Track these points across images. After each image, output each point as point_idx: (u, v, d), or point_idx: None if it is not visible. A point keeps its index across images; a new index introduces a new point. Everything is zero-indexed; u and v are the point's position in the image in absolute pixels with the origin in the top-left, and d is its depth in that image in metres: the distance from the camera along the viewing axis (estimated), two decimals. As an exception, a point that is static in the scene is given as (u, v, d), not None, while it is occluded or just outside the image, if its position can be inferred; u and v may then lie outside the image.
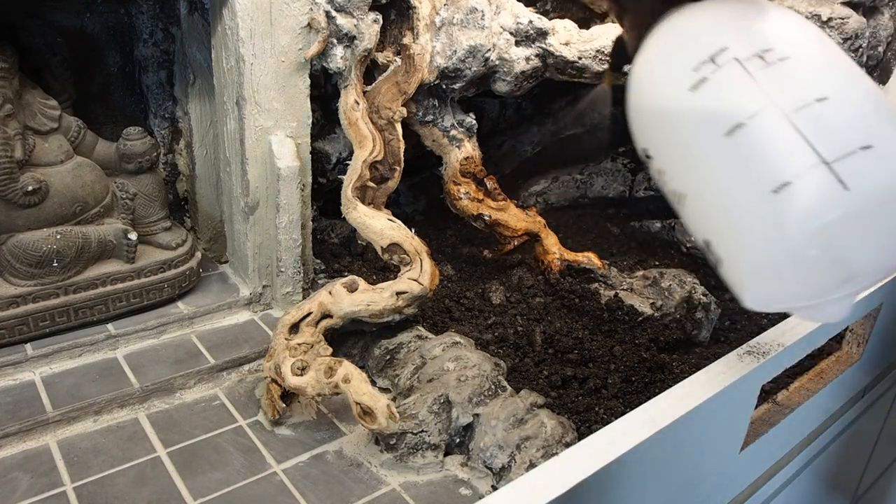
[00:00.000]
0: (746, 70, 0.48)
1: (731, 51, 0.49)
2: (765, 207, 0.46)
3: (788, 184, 0.44)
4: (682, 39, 0.54)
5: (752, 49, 0.49)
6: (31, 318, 0.86)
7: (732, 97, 0.48)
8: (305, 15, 0.92)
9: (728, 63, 0.49)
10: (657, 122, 0.55)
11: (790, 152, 0.45)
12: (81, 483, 0.71)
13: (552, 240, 1.13)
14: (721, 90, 0.49)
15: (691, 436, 0.57)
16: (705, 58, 0.50)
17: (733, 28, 0.52)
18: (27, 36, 0.89)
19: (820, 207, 0.44)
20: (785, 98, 0.47)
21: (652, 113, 0.55)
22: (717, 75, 0.49)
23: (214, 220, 1.13)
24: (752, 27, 0.51)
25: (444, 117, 1.07)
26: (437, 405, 0.78)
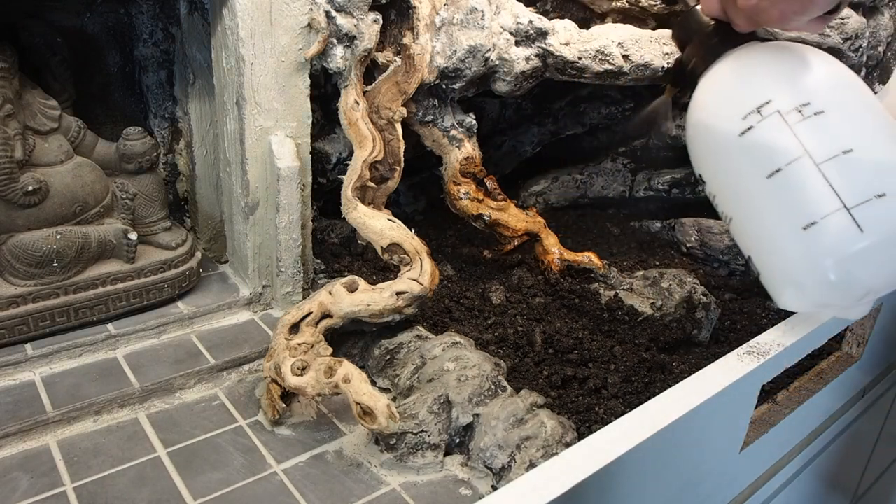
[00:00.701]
0: (786, 122, 0.59)
1: (775, 103, 0.60)
2: (795, 240, 0.58)
3: (815, 223, 0.56)
4: (735, 87, 0.64)
5: (793, 103, 0.59)
6: (31, 318, 0.86)
7: (773, 146, 0.59)
8: (305, 15, 0.92)
9: (771, 115, 0.60)
10: (711, 156, 0.66)
11: (818, 197, 0.56)
12: (81, 483, 0.71)
13: (552, 240, 1.13)
14: (764, 138, 0.60)
15: (691, 436, 0.57)
16: (752, 108, 0.61)
17: (778, 81, 0.61)
18: (27, 36, 0.89)
19: (839, 245, 0.55)
20: (817, 149, 0.57)
21: (707, 147, 0.66)
22: (761, 125, 0.60)
23: (214, 220, 1.13)
24: (794, 80, 0.61)
25: (444, 117, 1.07)
26: (437, 405, 0.78)
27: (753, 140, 0.60)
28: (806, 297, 0.60)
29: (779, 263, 0.61)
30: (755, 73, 0.63)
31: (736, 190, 0.64)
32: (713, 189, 0.67)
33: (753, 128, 0.60)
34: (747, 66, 0.65)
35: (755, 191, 0.61)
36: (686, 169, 1.39)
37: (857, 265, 0.55)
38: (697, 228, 1.30)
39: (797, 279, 0.59)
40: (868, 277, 0.56)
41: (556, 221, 1.37)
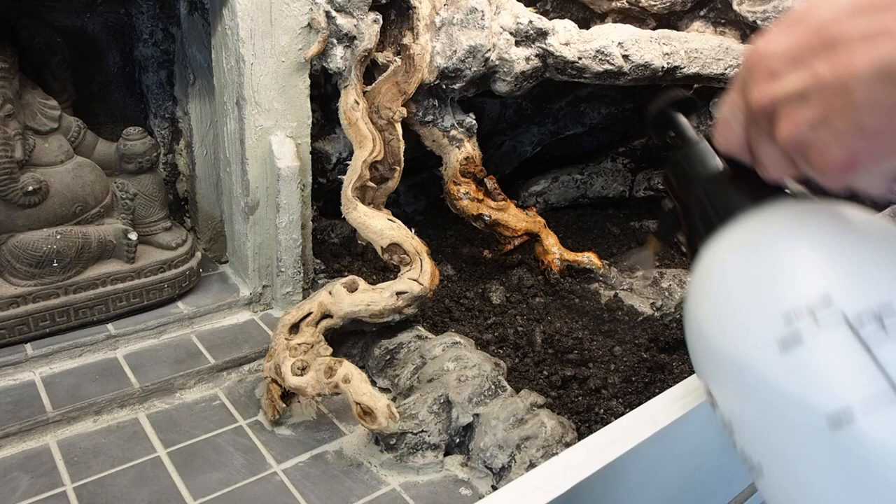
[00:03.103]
0: (859, 337, 0.35)
1: (837, 303, 0.36)
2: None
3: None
4: (767, 264, 0.39)
5: (868, 304, 0.35)
6: (31, 318, 0.86)
7: (838, 373, 0.35)
8: (305, 15, 0.92)
9: (833, 322, 0.35)
10: (727, 371, 0.41)
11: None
12: (81, 483, 0.71)
13: (552, 240, 1.13)
14: (822, 360, 0.35)
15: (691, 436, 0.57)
16: (801, 306, 0.36)
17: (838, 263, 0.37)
18: (27, 36, 0.89)
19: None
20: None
21: (721, 357, 0.41)
22: (816, 337, 0.36)
23: (214, 220, 1.13)
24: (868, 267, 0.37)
25: (444, 117, 1.07)
26: (437, 405, 0.78)
27: (803, 360, 0.36)
28: None
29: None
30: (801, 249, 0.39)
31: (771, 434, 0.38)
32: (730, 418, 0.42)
33: (803, 340, 0.36)
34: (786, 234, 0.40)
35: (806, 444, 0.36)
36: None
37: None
38: (697, 228, 1.30)
39: None
40: None
41: (556, 221, 1.37)
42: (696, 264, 0.44)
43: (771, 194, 0.42)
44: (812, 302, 0.36)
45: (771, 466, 0.39)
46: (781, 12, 1.20)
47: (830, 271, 0.37)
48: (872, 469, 0.33)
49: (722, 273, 0.42)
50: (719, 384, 0.42)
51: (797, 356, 0.36)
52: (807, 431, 0.35)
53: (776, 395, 0.37)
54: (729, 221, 0.43)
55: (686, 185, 0.49)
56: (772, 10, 1.21)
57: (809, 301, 0.36)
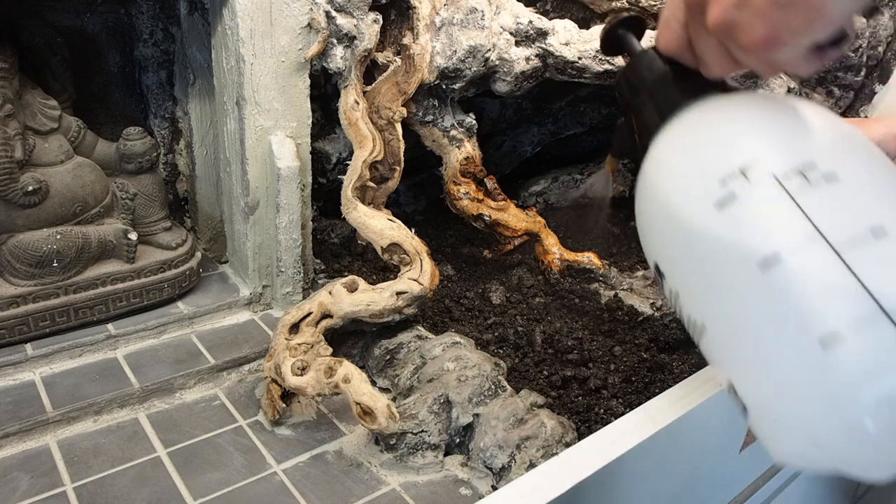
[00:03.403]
0: (785, 189, 0.40)
1: (766, 163, 0.41)
2: (808, 362, 0.37)
3: (839, 335, 0.36)
4: (705, 142, 0.45)
5: (792, 163, 0.41)
6: (31, 318, 0.86)
7: (768, 223, 0.40)
8: (305, 15, 0.92)
9: (762, 179, 0.41)
10: (673, 238, 0.46)
11: (842, 297, 0.37)
12: (81, 483, 0.71)
13: (552, 240, 1.13)
14: (754, 212, 0.40)
15: (691, 436, 0.57)
16: (734, 169, 0.42)
17: (768, 133, 0.43)
18: (27, 36, 0.89)
19: (882, 369, 0.35)
20: (834, 228, 0.38)
21: (667, 226, 0.46)
22: (748, 193, 0.41)
23: (214, 220, 1.13)
24: (791, 134, 0.43)
25: (444, 117, 1.07)
26: (437, 405, 0.78)
27: (737, 215, 0.41)
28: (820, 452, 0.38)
29: (779, 399, 0.40)
30: (735, 124, 0.45)
31: (712, 288, 0.43)
32: (677, 285, 0.47)
33: (737, 197, 0.41)
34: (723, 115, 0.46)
35: (742, 289, 0.40)
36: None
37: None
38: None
39: (808, 424, 0.38)
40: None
41: (555, 221, 1.37)
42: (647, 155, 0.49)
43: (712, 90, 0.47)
44: (744, 165, 0.41)
45: (711, 319, 0.44)
46: (781, 12, 1.20)
47: (759, 140, 0.43)
48: (796, 302, 0.38)
49: (665, 156, 0.47)
50: (666, 254, 0.47)
51: (732, 212, 0.41)
52: (742, 276, 0.40)
53: (716, 249, 0.42)
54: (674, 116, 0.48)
55: (635, 92, 0.53)
56: (772, 10, 1.20)
57: (742, 164, 0.41)
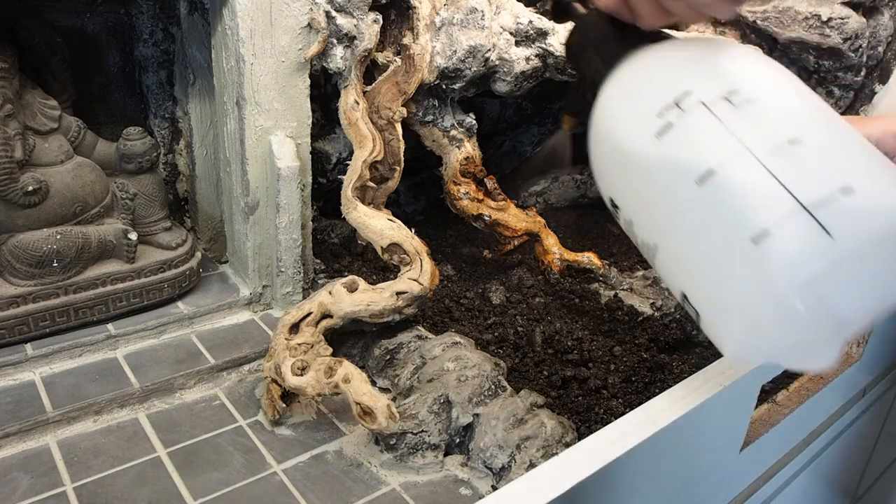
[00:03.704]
0: (714, 114, 0.46)
1: (696, 94, 0.47)
2: (745, 259, 0.43)
3: (768, 232, 0.42)
4: (643, 83, 0.52)
5: (718, 91, 0.47)
6: (31, 318, 0.86)
7: (701, 143, 0.46)
8: (305, 15, 0.92)
9: (694, 107, 0.47)
10: (623, 172, 0.52)
11: (767, 199, 0.43)
12: (81, 483, 0.71)
13: (552, 240, 1.13)
14: (688, 136, 0.47)
15: (691, 436, 0.57)
16: (669, 102, 0.48)
17: (696, 69, 0.50)
18: (27, 36, 0.89)
19: (805, 257, 0.41)
20: (756, 142, 0.45)
21: (617, 162, 0.53)
22: (683, 121, 0.47)
23: (214, 220, 1.13)
24: (715, 68, 0.50)
25: (444, 117, 1.07)
26: (437, 405, 0.78)
27: (675, 140, 0.47)
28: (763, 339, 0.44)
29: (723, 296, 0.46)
30: (667, 65, 0.51)
31: (659, 208, 0.49)
32: (630, 214, 0.53)
33: (673, 125, 0.47)
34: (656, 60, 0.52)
35: (684, 204, 0.46)
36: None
37: (829, 283, 0.41)
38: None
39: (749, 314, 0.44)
40: (843, 300, 0.41)
41: (556, 221, 1.37)
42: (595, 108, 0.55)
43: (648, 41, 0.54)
44: (677, 97, 0.48)
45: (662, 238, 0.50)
46: (782, 12, 1.20)
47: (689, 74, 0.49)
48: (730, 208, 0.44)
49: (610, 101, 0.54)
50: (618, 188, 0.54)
51: (670, 138, 0.47)
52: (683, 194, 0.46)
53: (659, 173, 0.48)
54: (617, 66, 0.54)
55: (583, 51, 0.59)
56: (772, 10, 1.21)
57: (675, 97, 0.48)
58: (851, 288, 0.41)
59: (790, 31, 1.19)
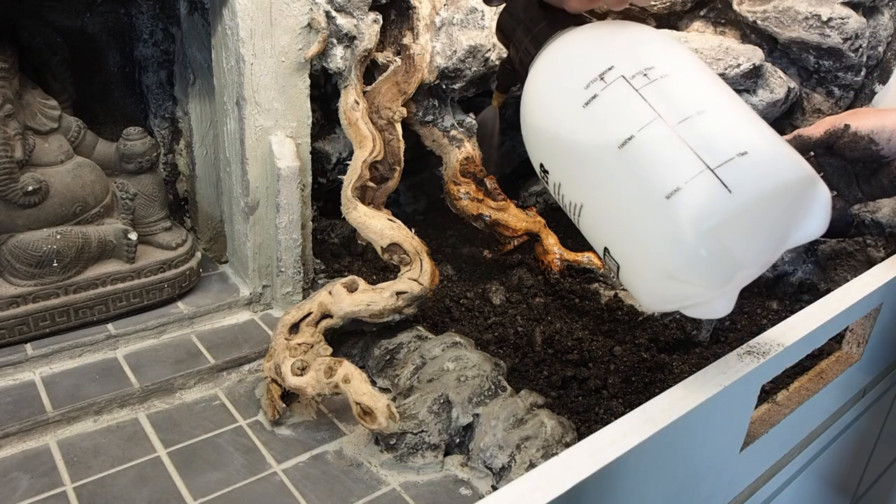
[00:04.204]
0: (633, 86, 0.53)
1: (618, 69, 0.54)
2: (658, 213, 0.50)
3: (679, 189, 0.49)
4: (571, 59, 0.58)
5: (637, 67, 0.54)
6: (31, 318, 0.86)
7: (622, 112, 0.52)
8: (305, 15, 0.92)
9: (616, 80, 0.53)
10: (552, 138, 0.58)
11: (678, 161, 0.50)
12: (81, 483, 0.71)
13: (552, 240, 1.13)
14: (611, 105, 0.53)
15: (691, 436, 0.57)
16: (595, 76, 0.54)
17: (618, 48, 0.56)
18: (27, 36, 0.89)
19: (709, 209, 0.48)
20: (669, 111, 0.51)
21: (547, 129, 0.58)
22: (606, 92, 0.53)
23: (214, 220, 1.13)
24: (634, 47, 0.56)
25: (444, 117, 1.07)
26: (437, 405, 0.78)
27: (599, 109, 0.53)
28: (672, 283, 0.51)
29: (640, 246, 0.53)
30: (593, 44, 0.58)
31: (584, 171, 0.56)
32: (558, 177, 0.59)
33: (598, 96, 0.53)
34: (583, 40, 0.59)
35: (607, 165, 0.53)
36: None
37: (727, 232, 0.48)
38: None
39: (662, 261, 0.50)
40: (741, 247, 0.49)
41: (556, 221, 1.37)
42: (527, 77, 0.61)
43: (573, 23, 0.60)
44: (601, 71, 0.54)
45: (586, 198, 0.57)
46: (782, 12, 1.20)
47: (612, 52, 0.55)
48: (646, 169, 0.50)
49: (541, 75, 0.60)
50: (547, 154, 0.60)
51: (595, 109, 0.53)
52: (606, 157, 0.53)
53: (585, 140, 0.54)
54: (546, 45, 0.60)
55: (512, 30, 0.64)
56: (772, 10, 1.21)
57: (600, 71, 0.54)
58: (747, 235, 0.49)
59: (790, 31, 1.19)
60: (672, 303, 0.53)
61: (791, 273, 1.17)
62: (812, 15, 1.18)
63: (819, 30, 1.18)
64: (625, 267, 0.55)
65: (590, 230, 0.59)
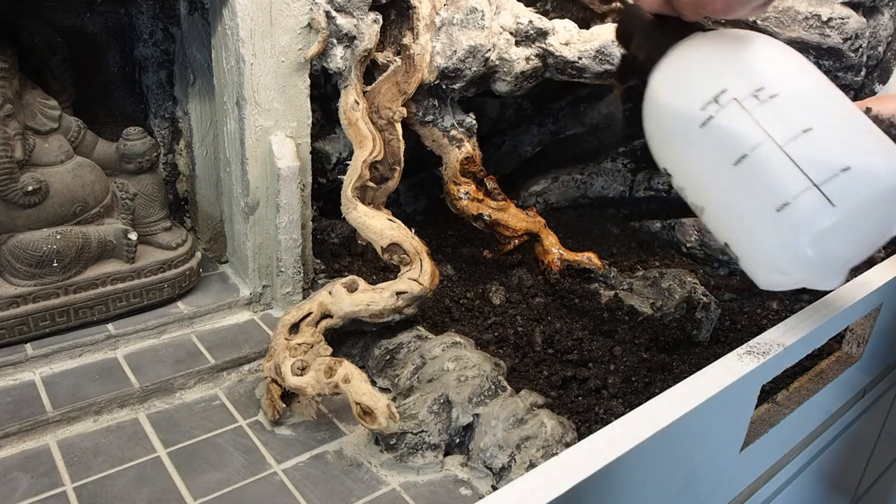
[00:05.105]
0: (745, 109, 0.59)
1: (730, 92, 0.60)
2: (770, 223, 0.58)
3: (788, 204, 0.57)
4: (689, 79, 0.64)
5: (748, 89, 0.60)
6: (31, 318, 0.86)
7: (735, 133, 0.59)
8: (305, 15, 0.92)
9: (729, 103, 0.60)
10: (674, 150, 0.66)
11: (787, 178, 0.57)
12: (81, 483, 0.71)
13: (552, 240, 1.13)
14: (725, 127, 0.60)
15: (691, 436, 0.57)
16: (710, 98, 0.61)
17: (731, 68, 0.62)
18: (27, 36, 0.89)
19: (813, 221, 0.56)
20: (778, 132, 0.58)
21: (669, 142, 0.67)
22: (720, 114, 0.60)
23: (214, 220, 1.13)
24: (746, 66, 0.62)
25: (444, 117, 1.07)
26: (437, 405, 0.78)
27: (715, 130, 0.60)
28: (785, 276, 0.60)
29: (756, 247, 0.62)
30: (707, 64, 0.64)
31: (704, 180, 0.64)
32: (681, 182, 0.68)
33: (713, 118, 0.60)
34: (698, 58, 0.65)
35: (724, 180, 0.61)
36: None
37: (832, 239, 0.56)
38: (697, 228, 1.30)
39: (776, 260, 0.60)
40: (843, 249, 0.57)
41: (556, 221, 1.37)
42: (648, 86, 0.67)
43: (690, 31, 0.66)
44: (715, 94, 0.60)
45: (707, 202, 0.65)
46: (782, 12, 1.20)
47: (725, 74, 0.61)
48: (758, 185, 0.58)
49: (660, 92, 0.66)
50: (671, 161, 0.68)
51: (711, 128, 0.60)
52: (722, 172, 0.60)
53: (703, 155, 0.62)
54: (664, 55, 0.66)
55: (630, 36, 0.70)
56: (772, 10, 1.21)
57: (714, 94, 0.60)
58: (850, 238, 0.57)
59: (790, 31, 1.19)
60: (785, 286, 0.62)
61: (791, 273, 1.17)
62: (812, 15, 1.18)
63: (819, 30, 1.18)
64: (743, 260, 0.64)
65: (711, 227, 0.68)
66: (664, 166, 0.69)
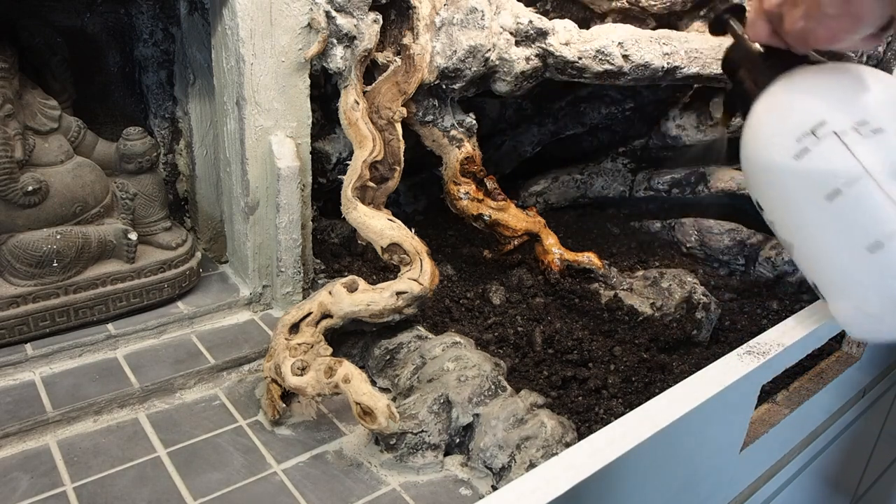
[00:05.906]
0: (844, 143, 0.56)
1: (830, 125, 0.57)
2: (861, 263, 0.56)
3: (881, 244, 0.54)
4: (787, 110, 0.62)
5: (849, 122, 0.57)
6: (31, 318, 0.86)
7: (831, 167, 0.57)
8: (305, 15, 0.92)
9: (827, 136, 0.57)
10: (767, 182, 0.64)
11: (882, 216, 0.55)
12: (81, 483, 0.71)
13: (552, 240, 1.13)
14: (821, 160, 0.57)
15: (691, 436, 0.57)
16: (807, 130, 0.58)
17: (832, 101, 0.60)
18: (27, 36, 0.89)
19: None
20: (878, 169, 0.55)
21: (762, 173, 0.64)
22: (817, 147, 0.57)
23: (214, 220, 1.13)
24: (848, 99, 0.59)
25: (444, 117, 1.07)
26: (437, 405, 0.78)
27: (809, 163, 0.58)
28: (880, 323, 0.57)
29: (845, 289, 0.59)
30: (807, 95, 0.61)
31: (795, 215, 0.61)
32: (771, 216, 0.65)
33: (809, 150, 0.58)
34: (799, 89, 0.62)
35: (815, 215, 0.58)
36: (686, 169, 1.39)
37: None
38: (697, 228, 1.30)
39: (866, 305, 0.57)
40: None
41: (556, 221, 1.37)
42: (748, 117, 0.65)
43: (796, 63, 0.63)
44: (813, 126, 0.58)
45: (797, 238, 0.62)
46: (781, 12, 1.20)
47: (824, 106, 0.59)
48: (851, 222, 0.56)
49: (759, 122, 0.64)
50: (763, 194, 0.65)
51: (806, 162, 0.58)
52: (815, 207, 0.58)
53: (796, 189, 0.60)
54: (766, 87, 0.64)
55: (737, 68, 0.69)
56: (772, 10, 1.20)
57: (811, 126, 0.58)
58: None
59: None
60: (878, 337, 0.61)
61: (791, 273, 1.17)
62: (812, 15, 1.18)
63: (819, 30, 1.18)
64: (831, 303, 0.62)
65: (801, 266, 0.65)
66: (756, 199, 0.66)
